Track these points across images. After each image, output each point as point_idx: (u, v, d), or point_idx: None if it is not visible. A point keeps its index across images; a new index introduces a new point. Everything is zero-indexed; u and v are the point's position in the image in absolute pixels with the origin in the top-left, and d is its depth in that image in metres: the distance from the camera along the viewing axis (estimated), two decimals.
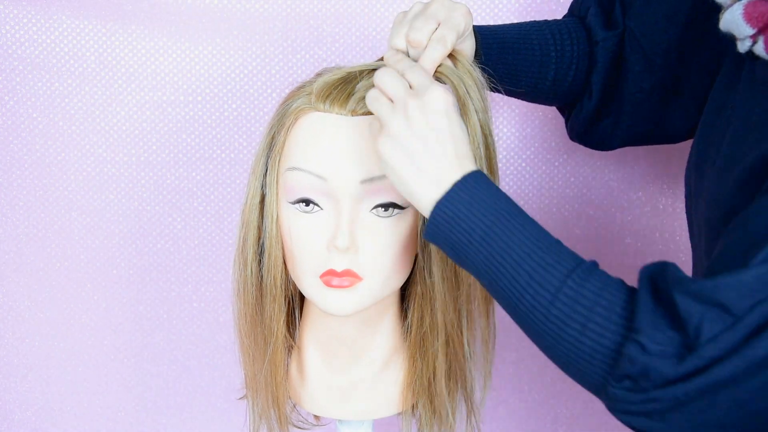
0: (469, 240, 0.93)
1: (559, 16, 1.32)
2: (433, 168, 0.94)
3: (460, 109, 1.04)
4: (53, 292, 1.69)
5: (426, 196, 0.95)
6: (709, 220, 1.01)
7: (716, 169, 1.01)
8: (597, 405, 1.70)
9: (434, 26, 1.06)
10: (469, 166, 0.95)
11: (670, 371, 0.82)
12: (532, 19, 1.31)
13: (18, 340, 1.72)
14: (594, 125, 1.27)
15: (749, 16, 0.94)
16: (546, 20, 1.26)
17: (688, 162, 1.13)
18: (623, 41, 1.22)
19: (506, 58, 1.18)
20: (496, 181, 1.08)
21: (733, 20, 0.96)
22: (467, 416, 1.21)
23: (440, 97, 0.96)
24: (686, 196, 1.14)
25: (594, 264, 0.91)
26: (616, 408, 0.89)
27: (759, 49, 0.96)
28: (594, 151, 1.38)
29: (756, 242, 0.81)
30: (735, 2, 0.96)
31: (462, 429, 1.22)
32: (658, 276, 0.86)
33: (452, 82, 1.05)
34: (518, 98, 1.28)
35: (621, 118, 1.25)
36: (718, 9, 1.00)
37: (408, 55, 1.07)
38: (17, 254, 1.68)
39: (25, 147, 1.64)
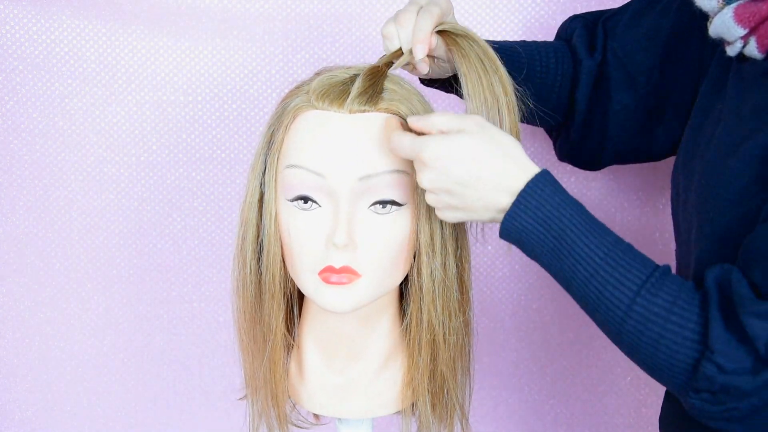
0: (542, 250, 0.96)
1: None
2: (492, 188, 0.97)
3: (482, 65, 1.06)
4: (53, 292, 1.69)
5: (497, 204, 0.97)
6: (702, 211, 1.02)
7: (706, 161, 1.03)
8: (597, 405, 1.71)
9: (418, 8, 1.09)
10: (533, 170, 0.97)
11: (747, 386, 0.88)
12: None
13: (18, 340, 1.72)
14: (581, 144, 1.30)
15: (740, 18, 0.96)
16: (534, 40, 1.30)
17: (675, 165, 1.15)
18: (606, 61, 1.25)
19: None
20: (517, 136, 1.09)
21: (724, 24, 0.98)
22: (461, 417, 1.21)
23: (477, 123, 0.98)
24: (672, 198, 1.16)
25: (665, 270, 0.93)
26: (696, 414, 0.94)
27: (750, 49, 0.98)
28: None
29: None
30: (723, 7, 0.98)
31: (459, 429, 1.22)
32: (725, 289, 0.90)
33: (465, 43, 1.08)
34: None
35: (606, 137, 1.28)
36: (701, 24, 1.03)
37: (399, 38, 1.10)
38: (17, 254, 1.68)
39: (25, 147, 1.64)
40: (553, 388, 1.70)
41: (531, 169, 0.97)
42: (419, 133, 1.01)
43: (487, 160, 0.96)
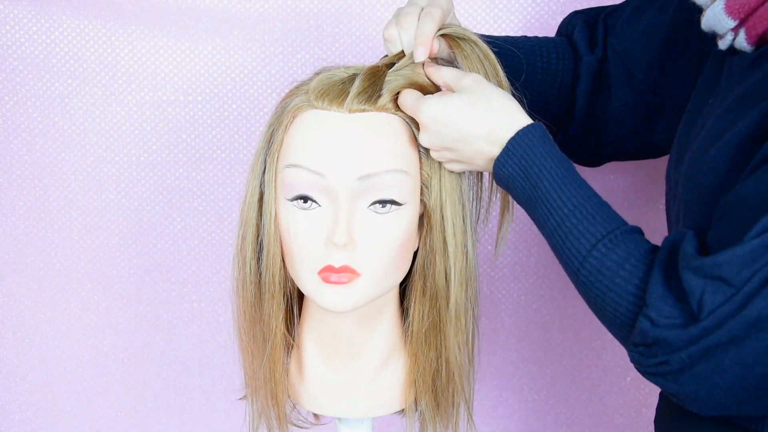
0: (522, 198, 1.03)
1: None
2: (481, 149, 1.05)
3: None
4: (53, 292, 1.69)
5: (486, 166, 1.06)
6: (686, 201, 1.04)
7: (693, 153, 1.04)
8: (597, 405, 1.71)
9: (419, 10, 1.12)
10: (525, 120, 1.04)
11: (676, 340, 0.88)
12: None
13: (18, 340, 1.72)
14: (581, 140, 1.31)
15: (730, 9, 0.97)
16: (536, 36, 1.31)
17: (669, 161, 1.16)
18: (606, 57, 1.26)
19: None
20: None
21: (715, 16, 0.99)
22: (466, 414, 1.21)
23: (474, 79, 1.06)
24: (666, 193, 1.16)
25: (631, 230, 0.98)
26: (637, 368, 0.95)
27: (740, 41, 0.99)
28: None
29: (752, 216, 0.86)
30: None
31: (463, 426, 1.22)
32: (674, 248, 0.92)
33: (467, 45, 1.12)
34: None
35: (606, 133, 1.29)
36: (698, 20, 1.03)
37: (401, 41, 1.13)
38: (17, 254, 1.68)
39: (25, 147, 1.64)
40: (553, 388, 1.70)
41: (522, 122, 1.03)
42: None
43: (479, 115, 1.04)
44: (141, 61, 1.60)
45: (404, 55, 1.12)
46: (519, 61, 1.23)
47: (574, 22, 1.31)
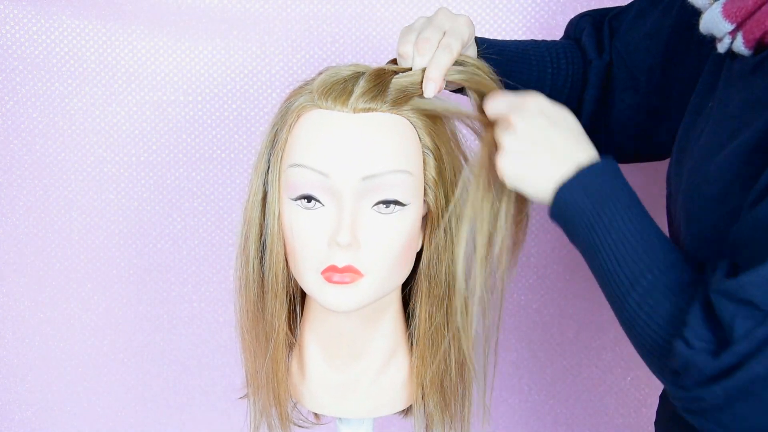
0: (582, 223, 0.97)
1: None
2: (547, 162, 0.98)
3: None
4: (53, 292, 1.69)
5: (544, 190, 0.99)
6: (689, 209, 1.03)
7: (694, 159, 1.04)
8: (597, 405, 1.71)
9: (440, 36, 1.09)
10: (585, 153, 0.99)
11: (706, 367, 0.85)
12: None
13: (18, 340, 1.72)
14: None
15: (728, 13, 0.97)
16: (544, 40, 1.30)
17: (669, 164, 1.16)
18: (612, 61, 1.26)
19: (503, 70, 1.20)
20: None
21: (712, 19, 0.98)
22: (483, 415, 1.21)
23: (534, 102, 1.00)
24: (667, 197, 1.16)
25: (682, 258, 0.94)
26: (676, 404, 0.92)
27: (738, 44, 0.98)
28: None
29: None
30: (714, 2, 0.99)
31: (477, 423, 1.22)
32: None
33: (472, 78, 1.09)
34: None
35: (611, 136, 1.28)
36: (698, 22, 1.03)
37: (413, 63, 1.09)
38: (17, 254, 1.68)
39: (25, 147, 1.64)
40: (553, 388, 1.71)
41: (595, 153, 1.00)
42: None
43: (569, 127, 1.01)
44: (141, 61, 1.60)
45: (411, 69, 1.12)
46: (530, 67, 1.23)
47: (582, 25, 1.31)
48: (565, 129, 1.00)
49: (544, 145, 0.99)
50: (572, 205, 0.97)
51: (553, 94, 1.25)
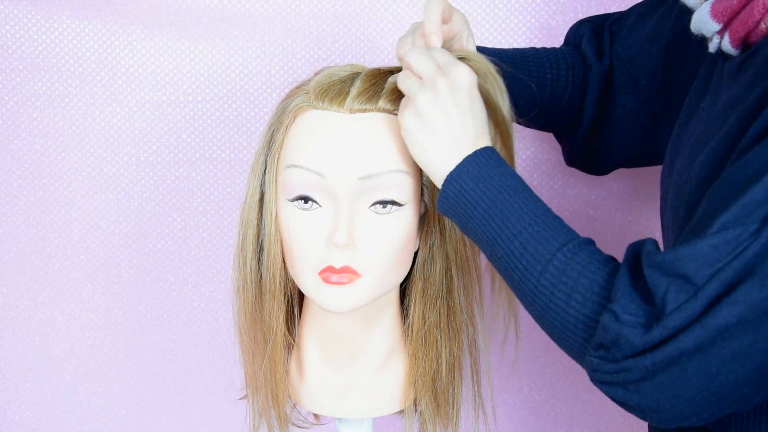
0: (474, 211, 0.98)
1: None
2: (451, 143, 1.00)
3: (483, 89, 1.07)
4: (53, 292, 1.69)
5: (441, 170, 1.00)
6: (675, 207, 1.03)
7: (683, 158, 1.04)
8: (597, 405, 1.71)
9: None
10: (484, 143, 1.01)
11: (637, 340, 0.85)
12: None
13: (18, 340, 1.72)
14: (589, 149, 1.31)
15: (715, 12, 0.97)
16: (544, 47, 1.30)
17: (663, 165, 1.16)
18: (612, 65, 1.26)
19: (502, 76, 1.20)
20: (512, 161, 1.12)
21: (701, 19, 0.99)
22: (475, 411, 1.21)
23: (466, 76, 1.01)
24: (661, 197, 1.16)
25: (588, 240, 0.96)
26: (594, 378, 0.92)
27: (725, 44, 0.99)
28: None
29: (714, 214, 0.85)
30: (703, 2, 1.00)
31: (469, 424, 1.22)
32: (639, 250, 0.90)
33: (472, 66, 1.08)
34: (516, 123, 1.30)
35: (613, 141, 1.29)
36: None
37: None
38: (17, 254, 1.68)
39: (25, 147, 1.64)
40: (553, 388, 1.70)
41: (482, 143, 1.01)
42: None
43: (481, 116, 1.02)
44: (141, 61, 1.60)
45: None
46: (528, 73, 1.23)
47: (581, 31, 1.31)
48: (468, 116, 1.01)
49: (442, 131, 1.00)
50: (462, 194, 0.99)
51: (554, 100, 1.25)
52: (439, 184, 1.01)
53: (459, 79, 1.01)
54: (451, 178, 0.99)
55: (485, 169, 0.99)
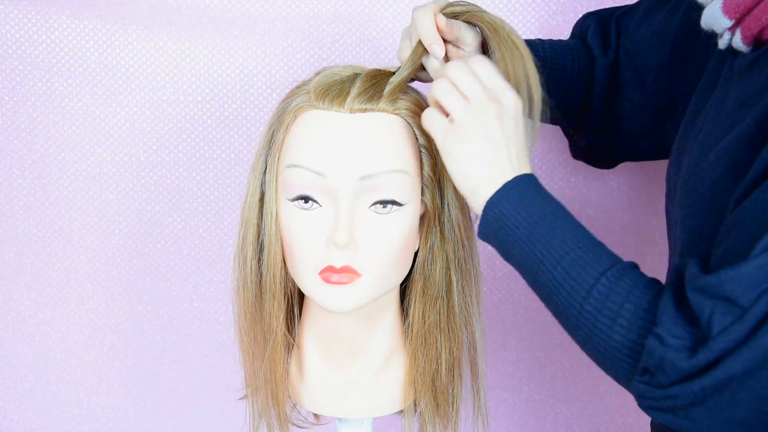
0: (515, 237, 0.98)
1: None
2: (493, 169, 0.99)
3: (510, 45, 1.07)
4: (53, 292, 1.69)
5: (481, 196, 0.99)
6: (684, 206, 1.03)
7: (691, 156, 1.04)
8: (597, 405, 1.71)
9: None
10: (525, 170, 1.00)
11: (683, 364, 0.84)
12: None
13: (18, 340, 1.72)
14: (595, 143, 1.31)
15: (727, 8, 0.97)
16: (549, 39, 1.29)
17: (669, 162, 1.15)
18: (619, 59, 1.26)
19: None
20: (536, 119, 1.10)
21: (713, 15, 0.98)
22: (474, 411, 1.21)
23: (516, 103, 1.01)
24: (666, 194, 1.16)
25: (631, 264, 0.95)
26: (642, 404, 0.91)
27: (737, 41, 0.98)
28: None
29: (755, 234, 0.84)
30: None
31: (469, 424, 1.22)
32: (682, 272, 0.90)
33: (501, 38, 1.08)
34: None
35: (619, 135, 1.29)
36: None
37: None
38: (17, 254, 1.68)
39: (25, 147, 1.64)
40: (553, 388, 1.70)
41: (523, 170, 1.01)
42: None
43: (523, 144, 1.02)
44: (141, 61, 1.60)
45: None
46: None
47: (587, 24, 1.31)
48: (513, 144, 1.00)
49: (491, 142, 0.99)
50: (503, 219, 0.98)
51: (559, 93, 1.24)
52: (479, 210, 1.00)
53: (508, 106, 1.00)
54: (491, 204, 0.98)
55: (525, 195, 0.98)
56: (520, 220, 0.97)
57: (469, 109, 1.00)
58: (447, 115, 1.02)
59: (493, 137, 0.99)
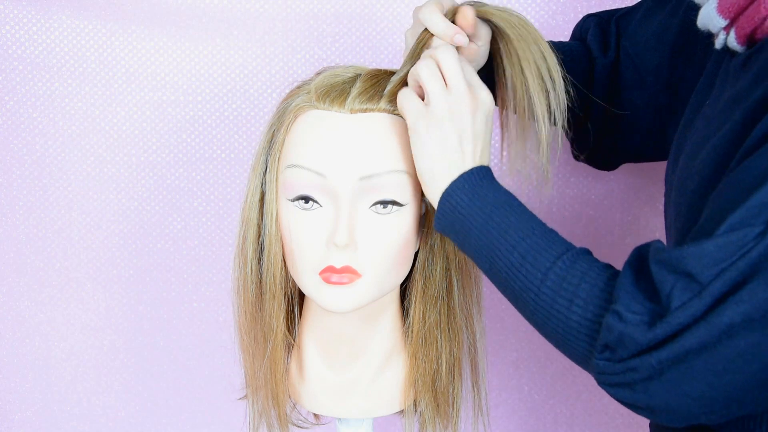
0: (471, 226, 0.99)
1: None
2: (456, 158, 1.02)
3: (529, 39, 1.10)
4: (53, 292, 1.69)
5: (440, 183, 1.02)
6: (677, 206, 1.03)
7: (685, 156, 1.04)
8: (597, 405, 1.71)
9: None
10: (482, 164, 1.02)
11: (642, 337, 0.85)
12: None
13: (18, 340, 1.72)
14: (596, 144, 1.31)
15: (722, 8, 0.97)
16: (550, 40, 1.29)
17: (667, 162, 1.16)
18: (619, 60, 1.26)
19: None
20: (559, 124, 1.13)
21: (708, 15, 0.99)
22: (474, 411, 1.22)
23: (490, 103, 1.04)
24: (665, 195, 1.16)
25: (585, 250, 0.97)
26: (601, 380, 0.91)
27: (731, 40, 0.99)
28: None
29: (722, 214, 0.85)
30: None
31: (469, 424, 1.22)
32: (644, 250, 0.91)
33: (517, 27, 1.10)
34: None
35: (620, 136, 1.29)
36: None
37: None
38: (17, 254, 1.68)
39: (25, 147, 1.64)
40: (553, 388, 1.70)
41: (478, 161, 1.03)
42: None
43: (488, 142, 1.04)
44: (141, 61, 1.60)
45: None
46: None
47: (587, 25, 1.31)
48: (480, 140, 1.03)
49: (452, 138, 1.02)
50: (458, 209, 1.00)
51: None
52: (434, 198, 1.02)
53: (484, 103, 1.03)
54: (447, 194, 1.01)
55: (480, 185, 1.00)
56: (475, 209, 0.99)
57: (448, 98, 1.02)
58: (423, 98, 1.05)
59: (463, 129, 1.01)
